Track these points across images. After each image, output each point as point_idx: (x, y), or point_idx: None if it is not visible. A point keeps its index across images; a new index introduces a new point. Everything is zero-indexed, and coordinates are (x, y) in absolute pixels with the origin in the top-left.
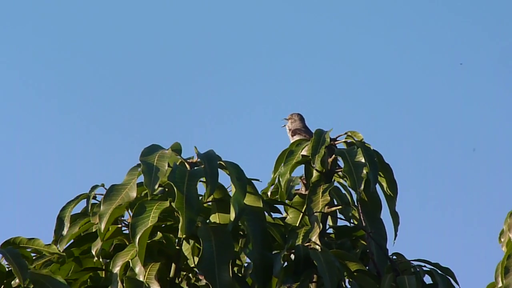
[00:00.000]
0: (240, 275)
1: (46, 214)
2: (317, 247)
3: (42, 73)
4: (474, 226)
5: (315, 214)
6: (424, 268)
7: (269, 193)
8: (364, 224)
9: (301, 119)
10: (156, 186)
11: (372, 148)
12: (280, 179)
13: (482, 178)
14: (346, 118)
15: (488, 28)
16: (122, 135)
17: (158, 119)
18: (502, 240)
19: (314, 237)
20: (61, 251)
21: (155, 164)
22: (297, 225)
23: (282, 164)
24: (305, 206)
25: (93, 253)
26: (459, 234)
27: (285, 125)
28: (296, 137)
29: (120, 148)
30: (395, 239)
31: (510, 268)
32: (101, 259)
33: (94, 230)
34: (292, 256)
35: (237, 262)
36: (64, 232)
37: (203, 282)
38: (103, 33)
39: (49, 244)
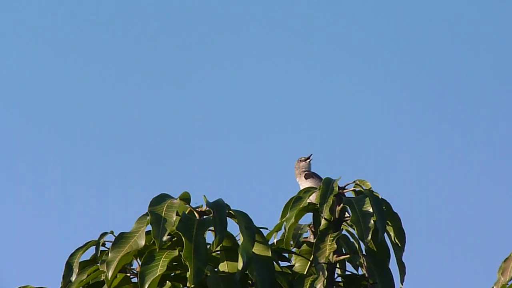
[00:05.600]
0: None
1: (54, 262)
2: None
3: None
4: (481, 274)
5: (320, 263)
6: None
7: (274, 241)
8: (367, 274)
9: (310, 163)
10: (165, 238)
11: (380, 197)
12: (285, 224)
13: (492, 226)
14: (355, 165)
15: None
16: (132, 181)
17: (168, 167)
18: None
19: (319, 286)
20: None
21: (163, 215)
22: (305, 273)
23: (289, 209)
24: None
25: None
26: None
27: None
28: (309, 181)
29: (130, 195)
30: None
31: None
32: None
33: (102, 278)
34: None
35: None
36: (73, 278)
37: None
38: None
39: None
